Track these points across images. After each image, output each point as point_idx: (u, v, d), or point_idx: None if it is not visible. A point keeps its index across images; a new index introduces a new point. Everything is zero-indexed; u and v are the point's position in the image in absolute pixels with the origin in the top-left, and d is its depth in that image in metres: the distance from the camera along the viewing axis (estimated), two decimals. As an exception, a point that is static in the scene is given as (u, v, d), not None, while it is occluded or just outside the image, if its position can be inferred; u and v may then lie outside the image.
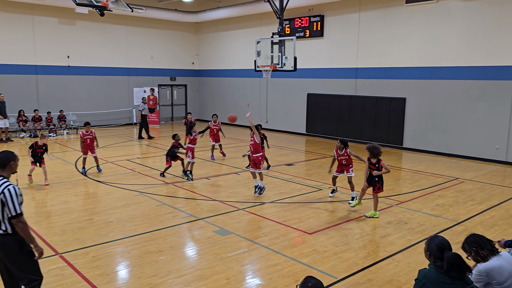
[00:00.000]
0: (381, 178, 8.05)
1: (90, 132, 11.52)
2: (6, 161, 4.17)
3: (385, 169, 7.88)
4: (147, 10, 21.24)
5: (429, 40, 14.97)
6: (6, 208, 4.02)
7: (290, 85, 20.05)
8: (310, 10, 18.73)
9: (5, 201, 4.00)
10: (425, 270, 3.25)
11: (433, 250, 3.24)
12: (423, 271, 3.25)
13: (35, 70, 19.70)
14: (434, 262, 3.23)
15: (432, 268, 3.21)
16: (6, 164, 4.16)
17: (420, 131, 15.54)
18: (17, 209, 4.03)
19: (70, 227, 7.37)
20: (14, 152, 4.31)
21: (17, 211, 4.03)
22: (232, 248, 6.55)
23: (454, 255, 3.14)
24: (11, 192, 4.02)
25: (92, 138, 11.55)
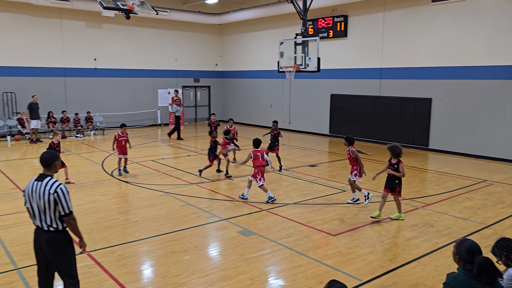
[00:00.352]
0: (401, 181, 7.88)
1: (125, 134, 11.55)
2: (51, 161, 4.32)
3: (401, 171, 7.70)
4: (172, 12, 21.51)
5: (456, 40, 14.65)
6: (59, 206, 4.18)
7: (314, 86, 19.96)
8: (333, 11, 18.60)
9: (58, 200, 4.16)
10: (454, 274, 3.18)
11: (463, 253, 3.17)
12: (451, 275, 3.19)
13: (64, 73, 20.22)
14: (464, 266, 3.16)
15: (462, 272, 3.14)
16: (51, 163, 4.32)
17: (447, 132, 15.22)
18: (70, 207, 4.24)
19: (98, 226, 7.54)
20: (56, 152, 4.48)
21: (70, 209, 4.24)
22: (255, 248, 6.57)
23: (485, 259, 3.06)
24: (63, 191, 4.20)
25: (127, 140, 11.57)
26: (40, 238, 4.25)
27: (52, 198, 4.15)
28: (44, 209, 4.18)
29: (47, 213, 4.18)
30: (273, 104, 22.29)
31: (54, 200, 4.15)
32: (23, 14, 18.80)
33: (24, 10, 18.75)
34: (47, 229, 4.22)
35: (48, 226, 4.21)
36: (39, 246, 4.29)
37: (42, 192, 4.16)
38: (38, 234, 4.28)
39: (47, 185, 4.18)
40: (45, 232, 4.23)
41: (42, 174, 4.30)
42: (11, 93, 18.78)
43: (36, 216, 4.23)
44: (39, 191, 4.17)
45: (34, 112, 17.30)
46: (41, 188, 4.17)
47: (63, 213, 4.21)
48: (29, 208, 4.28)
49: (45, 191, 4.16)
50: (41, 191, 4.16)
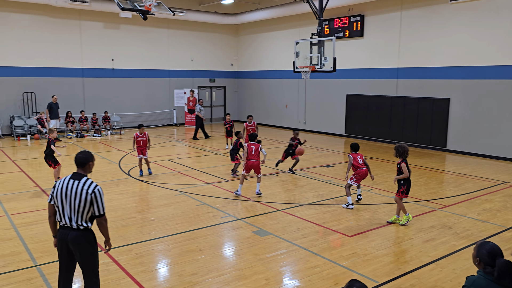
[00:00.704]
0: (406, 181, 7.58)
1: (143, 134, 11.47)
2: (86, 161, 4.38)
3: (403, 171, 7.48)
4: (188, 13, 21.66)
5: (475, 39, 14.40)
6: (94, 207, 4.24)
7: (329, 86, 19.86)
8: (350, 10, 18.47)
9: (95, 200, 4.23)
10: (473, 277, 3.13)
11: (484, 256, 3.11)
12: (471, 278, 3.14)
13: (82, 73, 20.53)
14: (484, 269, 3.10)
15: (482, 275, 3.08)
16: (85, 163, 4.38)
17: (465, 133, 14.97)
18: (104, 208, 4.33)
19: (115, 224, 7.63)
20: (91, 152, 4.49)
21: (104, 210, 4.33)
22: (271, 249, 6.56)
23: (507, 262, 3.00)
24: (100, 192, 4.27)
25: (146, 140, 11.43)
26: (67, 237, 4.25)
27: (89, 198, 4.20)
28: (77, 208, 4.20)
29: (80, 212, 4.21)
30: (288, 104, 22.25)
31: (91, 200, 4.21)
32: (42, 15, 19.16)
33: (44, 12, 19.10)
34: (76, 228, 4.24)
35: (78, 225, 4.23)
36: (65, 246, 4.30)
37: (79, 191, 4.19)
38: (65, 233, 4.27)
39: (85, 185, 4.22)
40: (74, 230, 4.25)
41: (78, 173, 4.34)
42: (31, 93, 19.15)
43: (66, 214, 4.24)
44: (75, 190, 4.20)
45: (53, 112, 17.63)
46: (79, 187, 4.21)
47: (98, 213, 4.28)
48: (58, 205, 4.27)
49: (83, 190, 4.20)
50: (78, 190, 4.20)
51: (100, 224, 4.37)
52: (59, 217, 4.31)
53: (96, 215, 4.28)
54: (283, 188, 10.32)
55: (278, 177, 11.50)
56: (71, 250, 4.30)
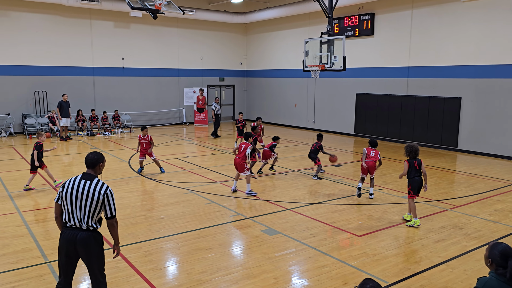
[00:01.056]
0: (410, 181, 7.55)
1: (146, 136, 11.46)
2: (97, 162, 4.33)
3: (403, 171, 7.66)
4: (197, 12, 21.71)
5: (487, 37, 14.23)
6: (105, 208, 4.22)
7: (339, 85, 19.77)
8: (360, 9, 18.37)
9: (107, 201, 4.21)
10: (485, 278, 3.09)
11: (496, 257, 3.07)
12: (483, 279, 3.10)
13: (93, 72, 20.69)
14: (496, 270, 3.06)
15: (494, 276, 3.04)
16: (96, 164, 4.32)
17: (477, 133, 14.80)
18: (115, 209, 4.31)
19: (124, 222, 7.68)
20: (102, 153, 4.44)
21: (115, 212, 4.30)
22: (280, 248, 6.56)
23: (520, 264, 2.96)
24: (112, 193, 4.25)
25: (148, 143, 11.46)
26: (75, 238, 4.17)
27: (102, 199, 4.17)
28: (89, 209, 4.15)
29: (91, 213, 4.17)
30: (297, 103, 22.20)
31: (103, 201, 4.18)
32: (54, 15, 19.33)
33: (55, 11, 19.28)
34: (86, 228, 4.20)
35: (88, 226, 4.19)
36: (72, 247, 4.20)
37: (91, 192, 4.15)
38: (73, 234, 4.19)
39: (97, 186, 4.19)
40: (84, 231, 4.20)
41: (89, 174, 4.28)
42: (42, 92, 19.35)
43: (75, 214, 4.17)
44: (87, 191, 4.16)
45: (63, 111, 17.79)
46: (91, 188, 4.16)
47: (109, 215, 4.25)
48: (67, 206, 4.19)
49: (95, 191, 4.16)
50: (91, 191, 4.15)
51: (110, 225, 4.32)
52: (67, 217, 4.22)
53: (108, 216, 4.25)
54: (292, 187, 10.30)
55: (287, 175, 11.48)
56: (76, 251, 4.22)
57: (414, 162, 7.53)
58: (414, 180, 7.54)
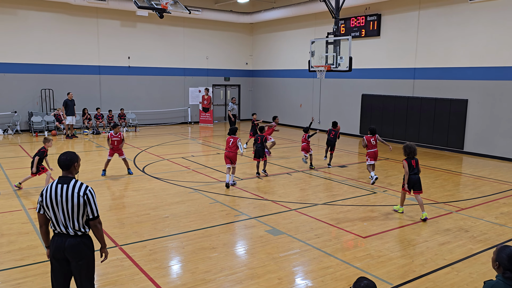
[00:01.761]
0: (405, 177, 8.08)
1: (118, 134, 11.16)
2: (71, 163, 4.09)
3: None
4: (204, 11, 21.73)
5: (495, 39, 14.13)
6: (87, 209, 4.01)
7: (344, 86, 19.72)
8: (366, 9, 18.31)
9: (88, 202, 4.01)
10: (492, 282, 3.06)
11: (503, 260, 3.04)
12: (490, 282, 3.07)
13: (99, 71, 20.77)
14: (503, 274, 3.04)
15: (501, 280, 3.02)
16: (70, 165, 4.09)
17: (483, 135, 14.71)
18: (97, 210, 4.10)
19: (129, 220, 7.70)
20: (75, 152, 4.28)
21: (98, 212, 4.09)
22: (284, 248, 6.54)
23: (527, 268, 2.94)
24: (92, 193, 4.06)
25: (120, 141, 11.15)
26: (64, 245, 3.99)
27: (82, 201, 3.96)
28: (71, 214, 3.96)
29: (75, 218, 3.98)
30: (303, 104, 22.16)
31: (84, 202, 3.97)
32: (61, 13, 19.42)
33: (63, 10, 19.37)
34: (74, 234, 4.01)
35: (76, 231, 4.01)
36: (61, 255, 4.02)
37: (70, 196, 3.95)
38: (62, 241, 4.00)
39: (76, 188, 3.98)
40: (72, 237, 4.00)
41: (65, 177, 4.06)
42: (49, 90, 19.44)
43: (60, 222, 3.99)
44: (66, 195, 3.95)
45: (69, 109, 17.86)
46: (69, 191, 3.96)
47: (92, 216, 4.04)
48: (50, 214, 4.00)
49: (74, 194, 3.96)
50: (69, 195, 3.95)
51: (94, 227, 4.08)
52: (52, 225, 4.04)
53: (90, 217, 4.04)
54: (297, 188, 10.28)
55: (292, 176, 11.47)
56: (67, 259, 4.04)
57: (412, 161, 8.01)
58: (411, 178, 8.01)
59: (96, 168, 11.55)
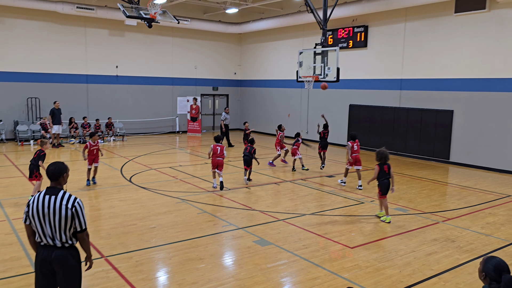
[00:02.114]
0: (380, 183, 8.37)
1: (96, 142, 11.08)
2: (60, 173, 4.03)
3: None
4: (192, 21, 21.79)
5: (479, 51, 14.42)
6: (75, 221, 3.94)
7: (332, 96, 19.87)
8: (354, 21, 18.55)
9: (76, 215, 3.93)
10: (478, 292, 3.08)
11: (490, 271, 3.06)
12: (476, 293, 3.09)
13: (86, 79, 20.62)
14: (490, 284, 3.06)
15: (487, 291, 3.04)
16: (59, 176, 4.03)
17: (469, 145, 14.91)
18: (86, 222, 4.04)
19: (115, 231, 7.59)
20: (64, 162, 4.21)
21: (86, 225, 4.04)
22: (272, 259, 6.51)
23: (513, 279, 2.96)
24: (81, 205, 3.99)
25: (98, 149, 11.10)
26: (50, 257, 3.91)
27: (70, 213, 3.89)
28: (59, 226, 3.88)
29: (63, 230, 3.90)
30: (291, 114, 22.25)
31: (72, 215, 3.90)
32: (49, 22, 19.30)
33: (50, 18, 19.25)
34: (61, 246, 3.93)
35: (63, 243, 3.93)
36: (48, 267, 3.94)
37: (58, 207, 3.88)
38: (48, 253, 3.92)
39: (64, 199, 3.91)
40: (59, 249, 3.93)
41: (53, 188, 4.00)
42: (35, 99, 19.22)
43: (47, 233, 3.91)
44: (53, 207, 3.88)
45: (55, 118, 17.67)
46: (57, 203, 3.89)
47: (79, 229, 3.97)
48: (36, 226, 3.92)
49: (62, 206, 3.89)
50: (57, 206, 3.88)
51: (82, 239, 4.02)
52: (39, 237, 3.95)
53: (78, 230, 3.97)
54: (285, 198, 10.27)
55: (280, 186, 11.46)
56: (53, 271, 3.95)
57: (384, 166, 8.36)
58: (384, 183, 8.35)
59: (82, 178, 11.40)
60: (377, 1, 16.04)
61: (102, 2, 19.64)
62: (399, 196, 10.56)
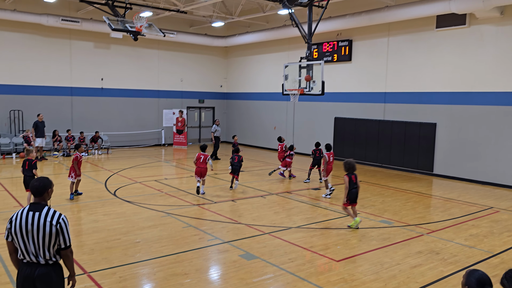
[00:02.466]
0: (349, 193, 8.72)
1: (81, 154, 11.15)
2: (44, 190, 3.96)
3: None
4: (178, 34, 21.84)
5: (460, 65, 14.74)
6: (60, 238, 3.87)
7: (318, 109, 20.03)
8: (338, 35, 18.82)
9: (61, 231, 3.86)
10: (461, 305, 3.11)
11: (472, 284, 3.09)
12: (459, 306, 3.12)
13: (71, 92, 20.43)
14: (472, 298, 3.09)
15: (470, 304, 3.07)
16: (43, 192, 3.95)
17: (452, 158, 15.14)
18: (70, 239, 3.97)
19: (99, 246, 7.47)
20: (48, 178, 4.13)
21: (70, 242, 3.98)
22: (257, 273, 6.46)
23: (494, 292, 2.99)
24: (66, 222, 3.93)
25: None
26: (33, 275, 3.81)
27: (54, 230, 3.82)
28: (42, 243, 3.80)
29: (46, 247, 3.82)
30: (277, 126, 22.34)
31: (56, 232, 3.84)
32: (33, 34, 19.14)
33: (35, 30, 19.09)
34: (44, 263, 3.85)
35: (47, 260, 3.86)
36: (30, 285, 3.83)
37: (42, 224, 3.79)
38: (31, 271, 3.82)
39: (48, 216, 3.83)
40: (43, 266, 3.84)
41: (37, 204, 3.91)
42: (18, 111, 18.95)
43: (30, 250, 3.82)
44: (37, 223, 3.79)
45: (39, 131, 17.41)
46: (41, 220, 3.80)
47: (63, 245, 3.90)
48: (19, 243, 3.82)
49: (47, 222, 3.81)
50: (41, 223, 3.79)
51: (65, 256, 3.95)
52: (21, 254, 3.85)
53: (62, 247, 3.89)
54: (271, 211, 10.25)
55: (266, 199, 11.44)
56: None
57: (352, 176, 8.77)
58: (352, 192, 8.73)
59: (65, 192, 11.21)
60: (361, 16, 16.33)
61: (87, 15, 19.59)
62: (384, 208, 10.63)
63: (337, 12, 17.52)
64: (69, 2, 19.28)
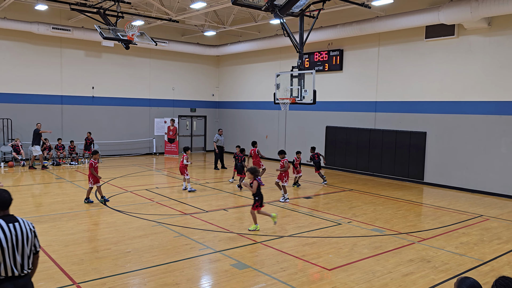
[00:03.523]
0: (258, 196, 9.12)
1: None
2: (11, 200, 3.82)
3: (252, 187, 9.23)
4: (170, 43, 21.88)
5: (450, 75, 14.93)
6: (36, 242, 3.86)
7: (309, 118, 20.12)
8: (329, 45, 18.99)
9: (35, 235, 3.86)
10: (452, 313, 3.11)
11: (463, 292, 3.11)
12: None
13: (61, 100, 20.30)
14: (463, 305, 3.10)
15: (461, 311, 3.07)
16: (10, 203, 3.82)
17: (442, 166, 15.27)
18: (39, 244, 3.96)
19: (89, 256, 7.38)
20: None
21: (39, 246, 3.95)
22: (249, 282, 6.42)
23: (485, 299, 3.00)
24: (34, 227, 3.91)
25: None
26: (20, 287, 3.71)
27: (33, 235, 3.82)
28: (28, 251, 3.75)
29: (29, 255, 3.76)
30: (268, 135, 22.38)
31: (34, 236, 3.84)
32: (23, 42, 19.04)
33: (25, 39, 19.00)
34: (26, 273, 3.76)
35: (27, 270, 3.78)
36: None
37: (26, 233, 3.74)
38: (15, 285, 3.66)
39: (26, 224, 3.78)
40: (24, 277, 3.74)
41: (10, 215, 3.76)
42: (7, 119, 18.77)
43: (18, 262, 3.69)
44: (26, 233, 3.74)
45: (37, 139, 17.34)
46: (23, 228, 3.73)
47: (35, 251, 3.87)
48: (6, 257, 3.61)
49: (28, 230, 3.76)
50: (24, 232, 3.73)
51: (36, 259, 3.91)
52: (3, 270, 3.62)
53: (37, 251, 3.88)
54: (263, 220, 10.21)
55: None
56: None
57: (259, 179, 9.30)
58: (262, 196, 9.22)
59: (55, 201, 11.09)
60: (351, 26, 16.51)
61: (78, 23, 19.56)
62: (376, 217, 10.66)
63: (328, 22, 17.70)
64: (60, 11, 19.23)
